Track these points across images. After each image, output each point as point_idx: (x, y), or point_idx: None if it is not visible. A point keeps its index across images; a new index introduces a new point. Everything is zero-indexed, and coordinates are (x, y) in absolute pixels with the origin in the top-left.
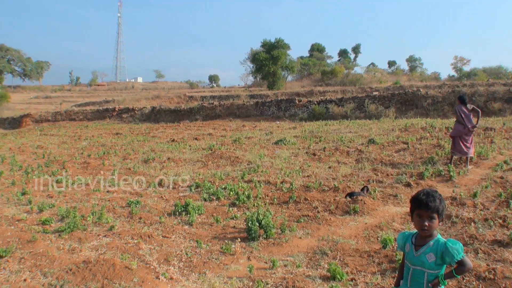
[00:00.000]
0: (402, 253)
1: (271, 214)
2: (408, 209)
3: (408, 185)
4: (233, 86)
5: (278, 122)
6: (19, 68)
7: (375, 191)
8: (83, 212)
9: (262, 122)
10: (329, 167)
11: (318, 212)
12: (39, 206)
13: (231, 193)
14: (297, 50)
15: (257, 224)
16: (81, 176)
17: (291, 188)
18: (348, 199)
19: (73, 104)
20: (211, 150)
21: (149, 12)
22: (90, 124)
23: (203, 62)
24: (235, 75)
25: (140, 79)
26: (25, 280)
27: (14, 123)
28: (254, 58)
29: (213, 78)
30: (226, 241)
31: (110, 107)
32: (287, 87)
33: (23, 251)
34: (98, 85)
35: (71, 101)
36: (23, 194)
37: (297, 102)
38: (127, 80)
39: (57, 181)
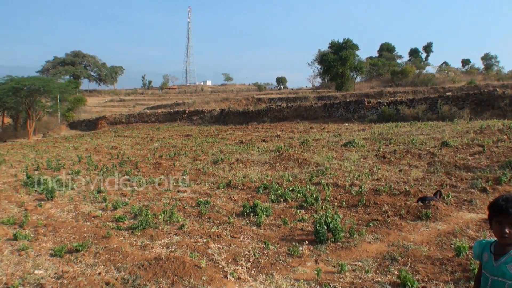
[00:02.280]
0: (478, 262)
1: (339, 217)
2: (484, 216)
3: (484, 190)
4: (301, 88)
5: (346, 124)
6: (95, 73)
7: (448, 196)
8: (155, 211)
9: (330, 124)
10: (400, 170)
11: (388, 216)
12: (114, 204)
13: (299, 195)
14: (366, 50)
15: (325, 227)
16: (153, 176)
17: (360, 191)
18: (420, 204)
19: (145, 107)
20: (279, 152)
21: (217, 17)
22: (162, 126)
23: (271, 65)
24: (303, 76)
25: (209, 82)
26: (99, 273)
27: (90, 125)
28: (322, 59)
29: (280, 80)
30: (293, 243)
31: (181, 109)
32: (355, 88)
33: (98, 246)
34: (169, 88)
35: (143, 104)
36: (99, 192)
37: (366, 104)
38: (197, 83)
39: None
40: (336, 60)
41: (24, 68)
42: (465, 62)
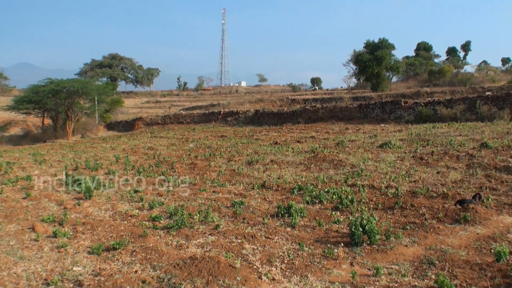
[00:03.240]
0: None
1: (375, 219)
2: None
3: None
4: (336, 88)
5: (382, 125)
6: (131, 75)
7: (488, 199)
8: (190, 211)
9: (365, 124)
10: (438, 172)
11: (426, 219)
12: (150, 204)
13: (334, 196)
14: (402, 50)
15: (361, 229)
16: (188, 176)
17: (397, 193)
18: (458, 206)
19: (181, 108)
20: (314, 153)
21: (252, 18)
22: (197, 127)
23: (305, 65)
24: (338, 77)
25: (243, 83)
26: (136, 271)
27: (127, 126)
28: (357, 59)
29: (315, 81)
30: (328, 245)
31: (216, 110)
32: (392, 88)
33: (134, 245)
34: (204, 89)
35: (179, 105)
36: (136, 192)
37: (403, 104)
38: (231, 85)
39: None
40: (372, 60)
41: (63, 71)
42: (505, 60)
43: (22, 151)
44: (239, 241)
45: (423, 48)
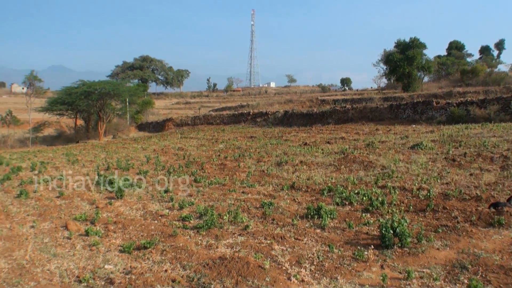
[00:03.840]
0: None
1: (406, 222)
2: None
3: None
4: (366, 88)
5: (413, 126)
6: (162, 77)
7: None
8: (220, 211)
9: (396, 125)
10: (471, 174)
11: (458, 222)
12: (180, 204)
13: (364, 198)
14: (434, 49)
15: (392, 232)
16: (218, 176)
17: (429, 195)
18: (492, 210)
19: (210, 109)
20: (344, 154)
21: (281, 19)
22: (226, 128)
23: (335, 65)
24: (368, 77)
25: (273, 84)
26: (166, 270)
27: (158, 126)
28: (388, 59)
29: (345, 81)
30: (358, 247)
31: (245, 111)
32: (423, 88)
33: (165, 244)
34: (234, 90)
35: (208, 106)
36: (166, 192)
37: (435, 104)
38: (261, 85)
39: (195, 181)
40: (403, 59)
41: (95, 73)
42: None
43: (55, 151)
44: (268, 242)
45: (455, 47)
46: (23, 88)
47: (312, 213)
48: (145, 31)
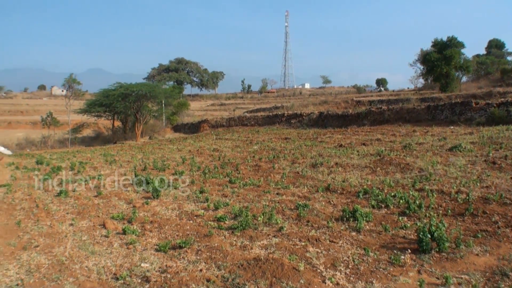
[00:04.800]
0: None
1: (444, 226)
2: None
3: None
4: (402, 89)
5: (452, 127)
6: (197, 79)
7: None
8: (254, 212)
9: (434, 127)
10: None
11: (499, 227)
12: (215, 204)
13: (401, 201)
14: (472, 48)
15: (429, 236)
16: (253, 178)
17: (468, 199)
18: None
19: (245, 111)
20: (380, 156)
21: (315, 20)
22: (261, 129)
23: (370, 66)
24: (404, 78)
25: (307, 85)
26: (201, 270)
27: (193, 128)
28: (425, 59)
29: (380, 82)
30: (395, 251)
31: (279, 113)
32: (461, 88)
33: (200, 244)
34: (268, 92)
35: (243, 107)
36: (201, 192)
37: (474, 105)
38: (295, 87)
39: (230, 182)
40: (440, 59)
41: (132, 75)
42: None
43: (93, 151)
44: (303, 244)
45: (495, 46)
46: (62, 91)
47: (347, 216)
48: (181, 34)
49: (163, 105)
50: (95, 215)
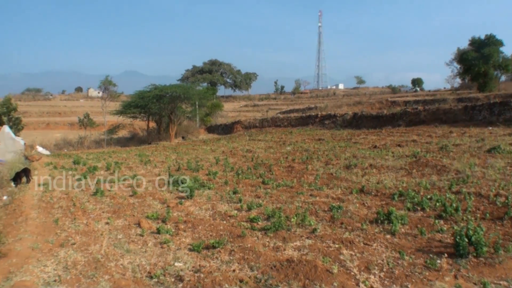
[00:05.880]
0: None
1: (482, 230)
2: None
3: None
4: (439, 89)
5: (490, 128)
6: (230, 80)
7: None
8: (288, 213)
9: (471, 128)
10: None
11: None
12: (248, 205)
13: (437, 204)
14: None
15: (466, 240)
16: (286, 179)
17: (507, 202)
18: None
19: (278, 111)
20: (416, 157)
21: (349, 19)
22: (294, 130)
23: (405, 66)
24: (440, 77)
25: (341, 86)
26: (234, 270)
27: (227, 129)
28: (462, 58)
29: (416, 82)
30: (430, 255)
31: (313, 113)
32: (500, 88)
33: (233, 244)
34: (301, 93)
35: (276, 108)
36: (234, 193)
37: None
38: (329, 87)
39: (263, 183)
40: (478, 58)
41: (166, 77)
42: None
43: (129, 152)
44: (337, 246)
45: None
46: (98, 93)
47: (382, 218)
48: (214, 36)
49: (197, 106)
50: (130, 214)
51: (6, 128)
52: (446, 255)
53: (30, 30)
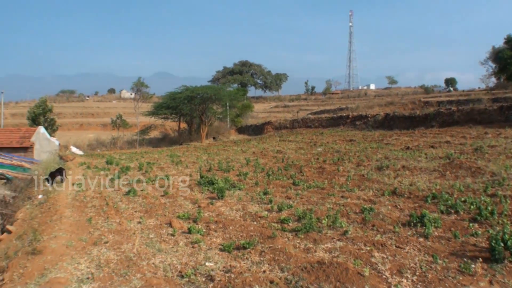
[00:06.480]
0: None
1: None
2: None
3: None
4: (473, 89)
5: None
6: (260, 81)
7: None
8: (319, 215)
9: (507, 129)
10: None
11: None
12: (279, 206)
13: (472, 207)
14: None
15: (502, 245)
16: (317, 180)
17: None
18: None
19: (308, 112)
20: (449, 159)
21: (380, 19)
22: (325, 131)
23: (439, 65)
24: (474, 77)
25: (372, 86)
26: (264, 271)
27: (257, 130)
28: (497, 56)
29: (449, 82)
30: (465, 259)
31: (344, 114)
32: None
33: (263, 245)
34: (332, 93)
35: (307, 109)
36: (265, 194)
37: None
38: (360, 88)
39: (294, 184)
40: None
41: (197, 79)
42: None
43: (160, 152)
44: (368, 248)
45: None
46: (131, 94)
47: (415, 221)
48: (244, 37)
49: (228, 107)
50: (161, 214)
51: (41, 129)
52: (481, 259)
53: (65, 33)
